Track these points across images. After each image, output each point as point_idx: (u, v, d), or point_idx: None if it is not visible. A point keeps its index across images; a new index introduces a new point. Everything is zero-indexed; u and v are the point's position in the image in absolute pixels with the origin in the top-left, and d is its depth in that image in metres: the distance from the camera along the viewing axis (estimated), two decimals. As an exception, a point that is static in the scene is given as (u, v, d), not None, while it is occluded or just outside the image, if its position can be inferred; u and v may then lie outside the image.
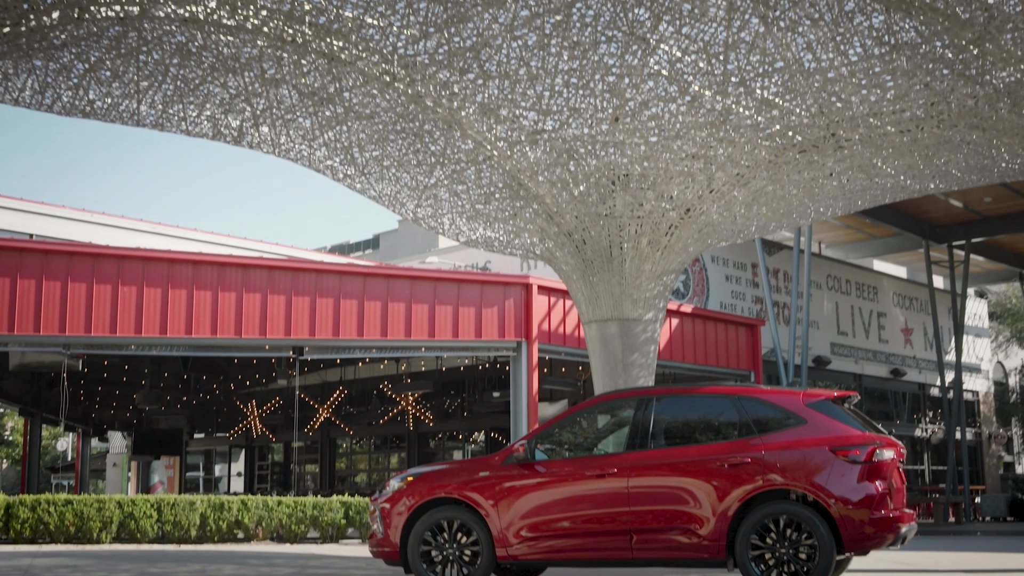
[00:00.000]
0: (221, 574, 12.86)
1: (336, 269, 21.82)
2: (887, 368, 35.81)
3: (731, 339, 26.27)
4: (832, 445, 9.63)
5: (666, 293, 16.10)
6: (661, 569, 12.41)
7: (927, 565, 13.48)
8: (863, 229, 33.50)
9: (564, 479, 10.27)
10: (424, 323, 21.44)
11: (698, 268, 29.97)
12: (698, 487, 9.82)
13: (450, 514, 10.53)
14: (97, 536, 18.91)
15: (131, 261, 20.65)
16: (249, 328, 20.79)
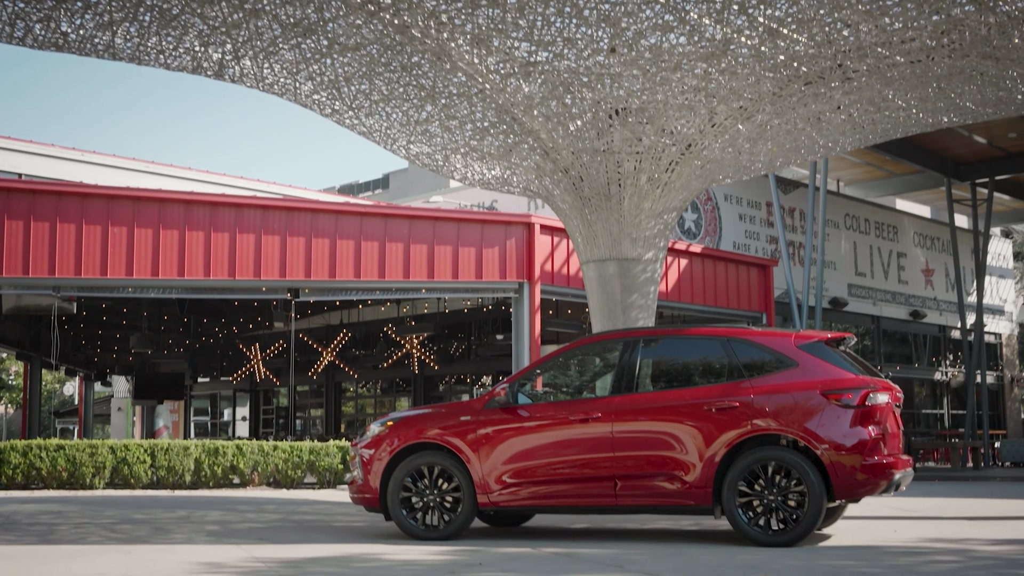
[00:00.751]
0: (206, 520, 12.83)
1: (332, 209, 21.62)
2: (906, 310, 35.51)
3: (742, 280, 26.02)
4: (824, 389, 9.45)
5: (667, 232, 15.87)
6: (652, 516, 12.31)
7: (931, 511, 13.34)
8: (883, 166, 33.05)
9: (547, 424, 10.14)
10: (423, 264, 21.27)
11: (710, 207, 29.66)
12: (684, 432, 9.67)
13: (431, 460, 10.42)
14: (90, 482, 18.99)
15: (121, 201, 20.48)
16: (243, 270, 20.65)
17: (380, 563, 8.56)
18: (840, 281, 32.96)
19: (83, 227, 20.11)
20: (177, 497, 17.39)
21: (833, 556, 8.73)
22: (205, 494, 18.31)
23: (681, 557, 8.71)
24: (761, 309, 26.31)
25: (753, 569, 7.93)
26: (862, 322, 34.16)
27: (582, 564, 8.34)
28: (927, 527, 11.41)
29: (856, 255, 33.87)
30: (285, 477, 20.11)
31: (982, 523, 11.93)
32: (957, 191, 34.09)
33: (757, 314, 26.24)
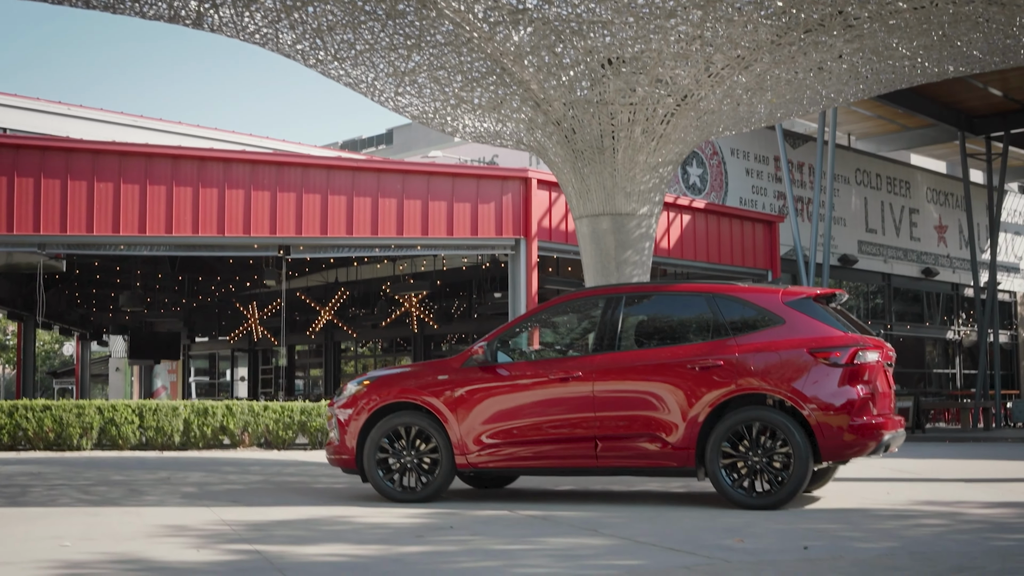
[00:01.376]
0: (185, 481, 12.75)
1: (323, 163, 21.42)
2: (919, 267, 35.22)
3: (748, 237, 25.79)
4: (811, 347, 9.26)
5: (662, 186, 15.65)
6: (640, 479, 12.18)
7: (930, 473, 13.19)
8: (895, 120, 32.68)
9: (526, 383, 9.98)
10: (417, 220, 21.08)
11: (716, 162, 29.37)
12: (667, 392, 9.50)
13: (408, 420, 10.29)
14: (77, 443, 18.95)
15: (107, 156, 20.32)
16: (233, 226, 20.50)
17: (348, 526, 8.44)
18: (850, 238, 32.68)
19: (68, 183, 19.97)
20: (163, 458, 17.33)
21: (817, 519, 8.58)
22: (193, 455, 18.26)
23: (660, 521, 8.58)
24: (767, 266, 26.10)
25: (732, 533, 7.78)
26: (872, 280, 33.92)
27: (555, 527, 8.21)
28: (922, 489, 11.27)
29: (867, 211, 33.57)
30: (276, 438, 20.04)
31: (981, 485, 11.78)
32: (971, 145, 33.72)
33: (762, 271, 26.03)
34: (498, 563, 6.53)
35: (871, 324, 32.77)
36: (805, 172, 31.54)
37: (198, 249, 21.08)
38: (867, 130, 33.90)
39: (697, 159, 28.81)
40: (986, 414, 29.51)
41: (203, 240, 20.50)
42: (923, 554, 6.65)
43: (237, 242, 20.73)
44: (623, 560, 6.61)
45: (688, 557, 6.64)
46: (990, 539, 7.34)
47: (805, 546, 6.99)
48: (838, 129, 32.48)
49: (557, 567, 6.38)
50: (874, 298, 34.23)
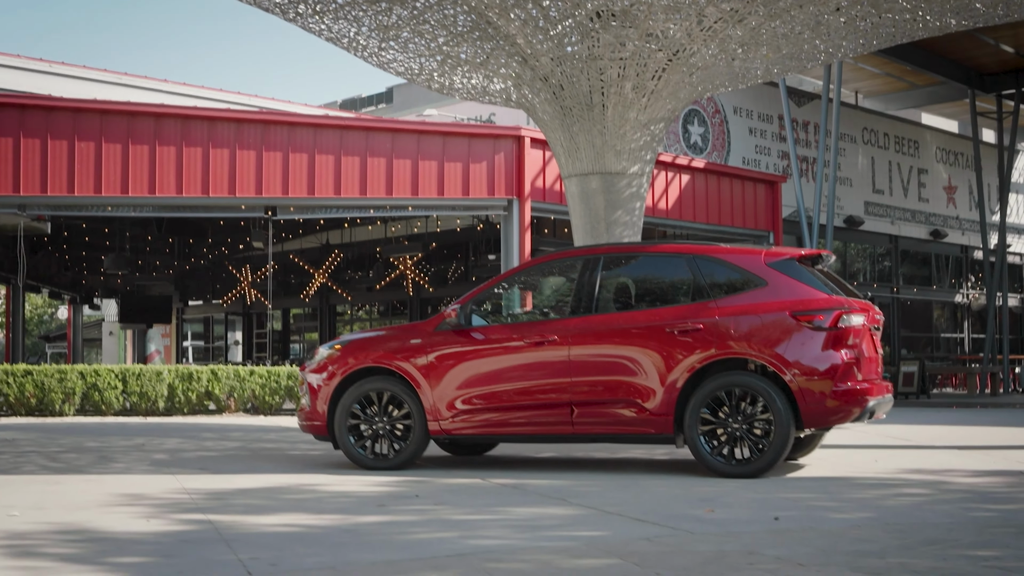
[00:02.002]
0: (160, 448, 12.64)
1: (311, 122, 21.19)
2: (927, 229, 34.96)
3: (749, 197, 25.53)
4: (793, 310, 9.07)
5: (654, 144, 15.43)
6: (624, 447, 12.05)
7: (924, 440, 13.03)
8: (904, 77, 32.32)
9: (500, 347, 9.82)
10: (407, 180, 20.87)
11: (718, 120, 29.07)
12: (645, 356, 9.33)
13: (380, 385, 10.13)
14: (60, 408, 18.88)
15: (88, 114, 20.10)
16: (217, 186, 20.30)
17: (311, 494, 8.30)
18: (856, 199, 32.42)
19: (48, 142, 19.76)
20: (145, 424, 17.26)
21: (795, 488, 8.43)
22: (177, 421, 18.17)
23: (634, 489, 8.43)
24: (768, 228, 25.86)
25: (705, 502, 7.63)
26: (879, 242, 33.67)
27: (524, 496, 8.07)
28: (912, 457, 11.11)
29: (874, 171, 33.28)
30: (263, 403, 19.96)
31: (974, 453, 11.62)
32: (982, 103, 33.35)
33: (764, 233, 25.80)
34: (454, 534, 6.39)
35: (877, 287, 32.60)
36: (810, 131, 31.23)
37: (182, 210, 20.91)
38: (875, 88, 33.54)
39: (699, 117, 28.53)
40: (993, 379, 29.33)
41: (187, 201, 20.31)
42: (897, 525, 6.50)
43: (222, 203, 20.55)
44: (584, 531, 6.47)
45: (652, 528, 6.49)
46: (970, 510, 7.18)
47: (776, 516, 6.83)
48: (845, 87, 32.17)
49: (514, 538, 6.23)
50: (881, 261, 33.99)
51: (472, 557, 5.58)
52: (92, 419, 18.44)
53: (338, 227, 31.42)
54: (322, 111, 29.79)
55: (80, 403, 19.18)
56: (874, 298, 32.19)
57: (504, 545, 5.99)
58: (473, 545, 5.98)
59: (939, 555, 5.42)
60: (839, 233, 31.19)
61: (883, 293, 33.12)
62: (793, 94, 30.74)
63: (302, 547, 5.98)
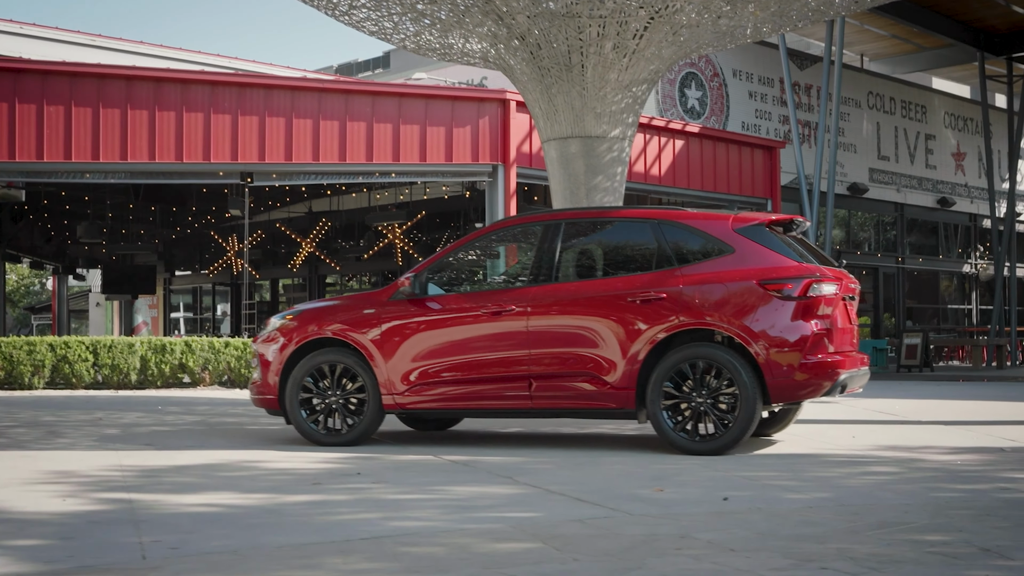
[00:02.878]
0: (116, 423, 12.43)
1: (288, 84, 20.87)
2: (934, 197, 34.58)
3: (746, 163, 25.18)
4: (761, 278, 8.79)
5: (636, 107, 15.10)
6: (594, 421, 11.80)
7: (912, 415, 12.77)
8: (911, 39, 31.86)
9: (456, 317, 9.56)
10: (388, 145, 20.56)
11: (717, 84, 28.69)
12: (605, 327, 9.06)
13: (333, 357, 9.89)
14: (29, 382, 18.68)
15: (57, 77, 19.81)
16: (191, 152, 20.02)
17: (249, 472, 8.07)
18: (860, 165, 32.03)
19: (16, 106, 19.48)
20: (113, 397, 17.06)
21: (758, 466, 8.17)
22: (147, 394, 17.98)
23: (589, 467, 8.18)
24: (766, 195, 25.53)
25: (659, 481, 7.39)
26: (884, 210, 33.30)
27: (472, 474, 7.82)
28: (894, 432, 10.86)
29: (879, 137, 32.87)
30: (238, 376, 19.76)
31: (961, 428, 11.35)
32: (991, 67, 32.91)
33: (762, 200, 25.47)
34: (380, 515, 6.15)
35: (882, 257, 32.27)
36: (813, 95, 30.83)
37: (155, 177, 20.60)
38: (881, 50, 33.09)
39: (696, 81, 28.16)
40: (1000, 352, 29.03)
41: (161, 167, 20.04)
42: (851, 507, 6.24)
43: (197, 169, 20.26)
44: (518, 512, 6.22)
45: (591, 509, 6.24)
46: (934, 489, 6.92)
47: (725, 497, 6.58)
48: (850, 49, 31.76)
49: (441, 519, 5.99)
50: (887, 229, 33.63)
51: (387, 540, 5.34)
52: (62, 392, 18.25)
53: (325, 195, 31.15)
54: (300, 73, 29.45)
55: (50, 376, 18.98)
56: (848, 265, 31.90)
57: (426, 527, 5.75)
58: (394, 527, 5.74)
59: (884, 540, 5.17)
60: (843, 201, 30.86)
61: (888, 263, 32.80)
62: (796, 56, 30.34)
63: (215, 528, 5.75)
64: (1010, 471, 7.86)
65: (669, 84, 27.54)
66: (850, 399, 15.20)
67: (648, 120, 23.08)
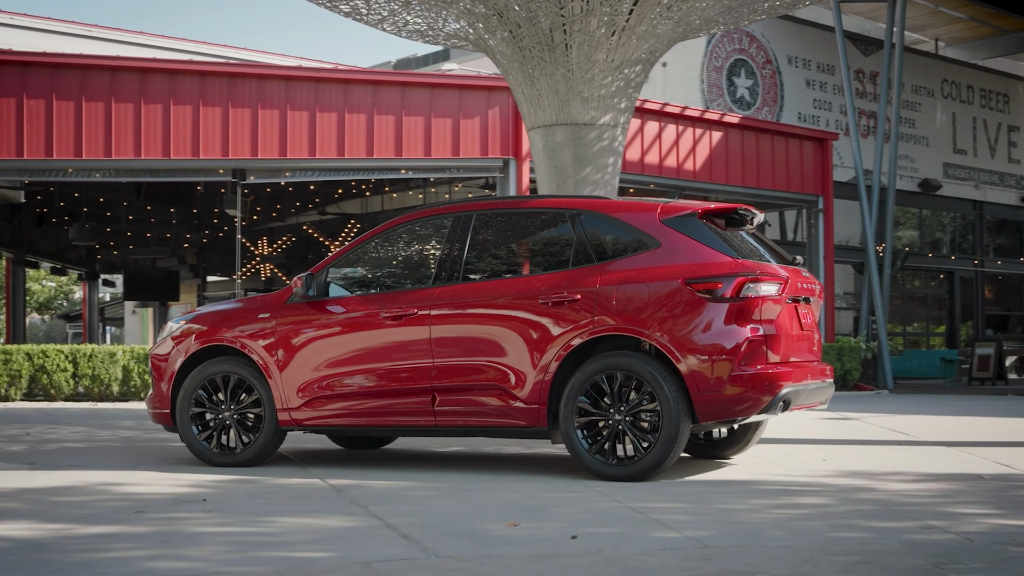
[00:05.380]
0: (42, 438, 11.91)
1: (282, 74, 20.36)
2: (1017, 194, 33.10)
3: (793, 156, 24.12)
4: (687, 276, 7.92)
5: (629, 90, 14.29)
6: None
7: (922, 434, 11.76)
8: (990, 21, 30.48)
9: (355, 323, 8.83)
10: (390, 138, 19.94)
11: (770, 71, 27.65)
12: (514, 333, 8.26)
13: (226, 367, 9.22)
14: (5, 393, 18.34)
15: (38, 68, 19.54)
16: (179, 147, 19.60)
17: (88, 496, 7.45)
18: (933, 160, 30.73)
19: (-8, 100, 19.23)
20: (81, 410, 16.64)
21: (666, 496, 7.31)
22: (124, 407, 17.54)
23: (465, 495, 7.39)
24: (817, 191, 24.46)
25: (534, 512, 6.60)
26: (960, 208, 31.91)
27: (327, 503, 7.09)
28: (873, 455, 9.91)
29: (955, 129, 31.52)
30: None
31: (958, 450, 10.32)
32: (1081, 50, 31.40)
33: (812, 197, 24.41)
34: (152, 552, 5.49)
35: (955, 259, 30.92)
36: (879, 84, 29.59)
37: (140, 174, 20.24)
38: (957, 34, 31.72)
39: (746, 68, 27.17)
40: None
41: (146, 163, 19.65)
42: (714, 548, 5.41)
43: (184, 165, 19.84)
44: (317, 551, 5.50)
45: (405, 548, 5.50)
46: (841, 527, 6.05)
47: (574, 535, 5.78)
48: (922, 33, 30.55)
49: (216, 558, 5.31)
50: (963, 229, 32.22)
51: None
52: (34, 405, 17.89)
53: (354, 196, 30.64)
54: (295, 62, 28.99)
55: (28, 387, 18.62)
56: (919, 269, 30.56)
57: (187, 568, 5.05)
58: (150, 567, 5.08)
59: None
60: (911, 198, 29.63)
61: (965, 266, 31.42)
62: (860, 41, 29.20)
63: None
64: (960, 505, 6.93)
65: (715, 72, 26.60)
66: (863, 415, 14.24)
67: (680, 110, 22.20)
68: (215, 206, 24.14)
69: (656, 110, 21.74)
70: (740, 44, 27.08)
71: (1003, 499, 7.19)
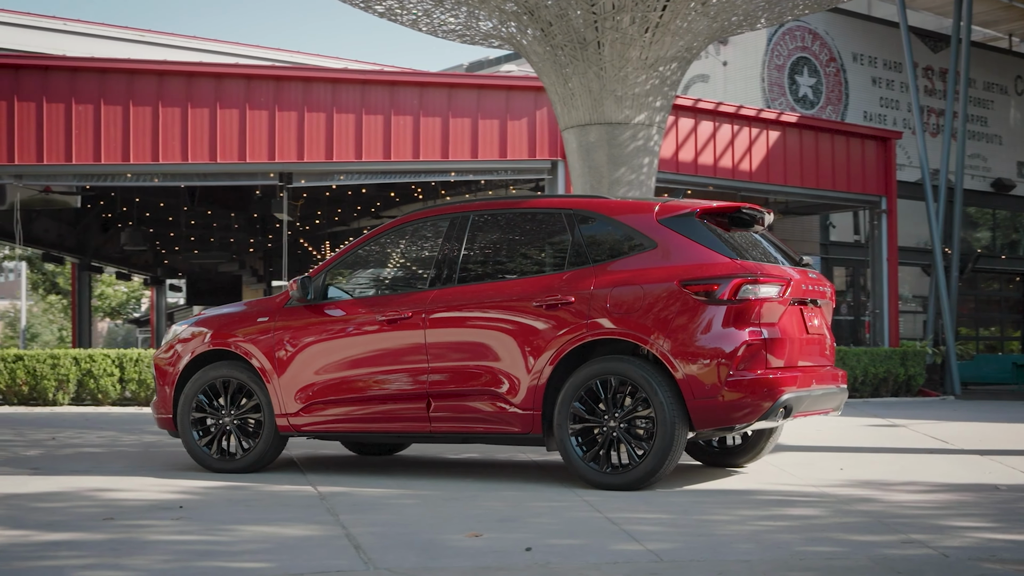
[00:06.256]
0: (63, 443, 11.96)
1: (328, 76, 20.35)
2: (1096, 194, 32.18)
3: (854, 156, 23.61)
4: (682, 278, 7.68)
5: (664, 88, 14.04)
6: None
7: (962, 442, 11.38)
8: (1066, 15, 29.72)
9: (352, 326, 8.72)
10: (436, 140, 19.83)
11: (834, 69, 27.15)
12: (508, 337, 8.09)
13: (226, 372, 9.15)
14: (53, 397, 18.51)
15: (86, 74, 19.74)
16: (226, 151, 19.66)
17: (71, 503, 7.43)
18: (1007, 159, 29.97)
19: (44, 105, 19.45)
20: (117, 415, 16.76)
21: (653, 506, 7.07)
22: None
23: (451, 505, 7.21)
24: (880, 192, 23.92)
25: (510, 522, 6.43)
26: (1035, 209, 31.14)
27: (302, 511, 6.97)
28: (896, 464, 9.57)
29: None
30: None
31: (989, 459, 9.94)
32: None
33: (875, 197, 23.88)
34: (92, 561, 5.40)
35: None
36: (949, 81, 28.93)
37: (187, 178, 20.34)
38: (1033, 29, 30.99)
39: (809, 66, 26.71)
40: None
41: (193, 168, 19.75)
42: (676, 562, 5.22)
43: (231, 169, 19.90)
44: (261, 561, 5.39)
45: (347, 560, 5.36)
46: (822, 539, 5.82)
47: (528, 547, 5.59)
48: (994, 28, 29.87)
49: (152, 568, 5.19)
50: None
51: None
52: (80, 409, 18.03)
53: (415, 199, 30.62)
54: (342, 63, 29.01)
55: (76, 391, 18.78)
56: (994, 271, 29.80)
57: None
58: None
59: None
60: (985, 199, 28.94)
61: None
62: (928, 37, 28.59)
63: None
64: (958, 518, 6.63)
65: (777, 70, 26.19)
66: (913, 422, 13.84)
67: (735, 109, 21.85)
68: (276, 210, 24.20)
69: (710, 109, 21.42)
70: (802, 42, 26.62)
71: (1007, 511, 6.87)
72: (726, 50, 26.89)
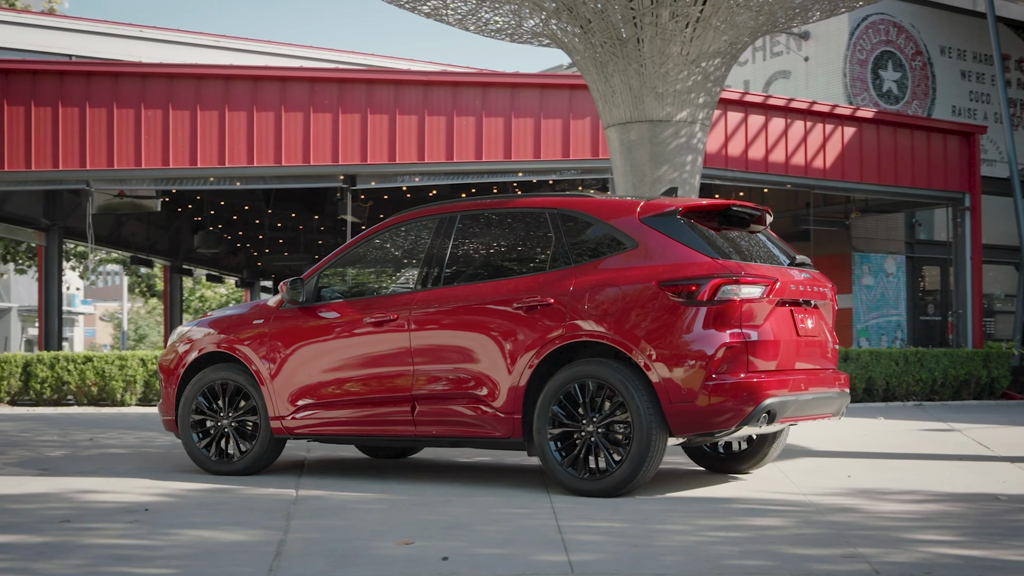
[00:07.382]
0: (99, 443, 12.10)
1: (390, 78, 20.34)
2: None
3: (935, 151, 22.91)
4: (660, 278, 7.44)
5: (708, 84, 13.73)
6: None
7: (998, 448, 10.91)
8: None
9: (342, 328, 8.63)
10: (499, 141, 19.72)
11: (920, 63, 26.41)
12: (489, 339, 7.92)
13: (224, 375, 9.13)
14: (120, 398, 18.80)
15: (155, 79, 20.00)
16: (291, 154, 19.77)
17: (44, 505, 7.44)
18: (1107, 153, 28.84)
19: (114, 111, 19.77)
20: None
21: (613, 514, 6.81)
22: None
23: (412, 510, 7.06)
24: (963, 189, 23.19)
25: (460, 529, 6.27)
26: None
27: (263, 517, 6.87)
28: (909, 471, 9.18)
29: None
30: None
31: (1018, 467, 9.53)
32: None
33: (957, 195, 23.16)
34: (6, 564, 5.36)
35: None
36: (1044, 73, 28.01)
37: (252, 181, 20.51)
38: None
39: (893, 60, 26.01)
40: None
41: (258, 171, 19.91)
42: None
43: (296, 172, 20.02)
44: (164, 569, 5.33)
45: (254, 568, 5.25)
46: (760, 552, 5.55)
47: (445, 557, 5.43)
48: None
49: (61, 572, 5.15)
50: None
51: None
52: (147, 410, 18.24)
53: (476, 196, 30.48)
54: (405, 64, 28.97)
55: (143, 392, 19.04)
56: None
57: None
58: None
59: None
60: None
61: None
62: (1021, 28, 27.66)
63: None
64: (928, 531, 6.28)
65: (860, 65, 25.55)
66: (970, 426, 13.33)
67: (808, 105, 21.36)
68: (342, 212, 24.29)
69: (781, 106, 20.97)
70: (887, 35, 25.95)
71: (986, 524, 6.51)
72: (807, 45, 26.32)
